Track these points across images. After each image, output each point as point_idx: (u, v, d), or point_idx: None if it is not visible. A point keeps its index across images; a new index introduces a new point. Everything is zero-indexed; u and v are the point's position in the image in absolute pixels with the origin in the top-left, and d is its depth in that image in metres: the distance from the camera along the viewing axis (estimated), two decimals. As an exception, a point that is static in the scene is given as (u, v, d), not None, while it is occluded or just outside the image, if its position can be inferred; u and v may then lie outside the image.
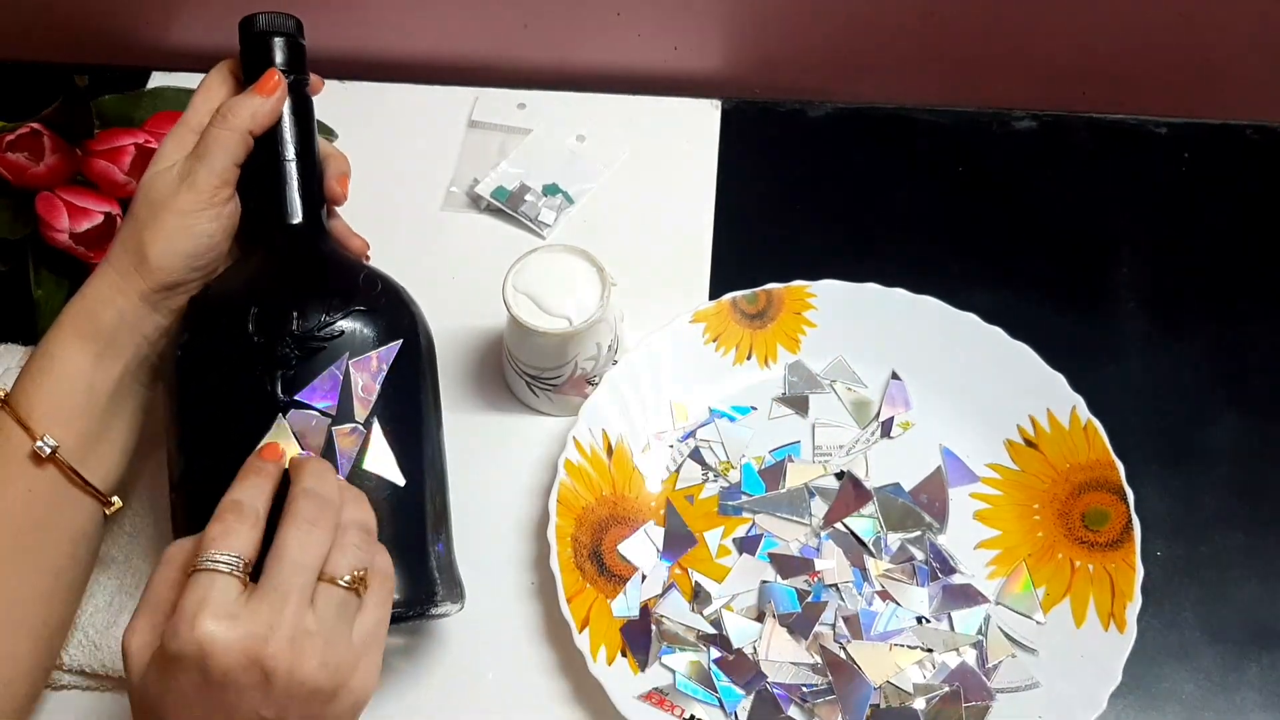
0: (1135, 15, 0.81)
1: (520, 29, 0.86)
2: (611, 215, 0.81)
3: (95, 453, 0.57)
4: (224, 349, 0.55)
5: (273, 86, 0.58)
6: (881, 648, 0.63)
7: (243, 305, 0.56)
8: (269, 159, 0.59)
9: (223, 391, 0.55)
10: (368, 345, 0.56)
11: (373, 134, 0.84)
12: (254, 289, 0.57)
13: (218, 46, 0.61)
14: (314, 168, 0.61)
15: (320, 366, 0.54)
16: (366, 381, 0.55)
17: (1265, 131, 0.83)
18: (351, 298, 0.57)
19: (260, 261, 0.59)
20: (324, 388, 0.54)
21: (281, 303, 0.56)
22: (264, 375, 0.54)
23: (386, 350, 0.56)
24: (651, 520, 0.68)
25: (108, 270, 0.57)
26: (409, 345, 0.58)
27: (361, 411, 0.55)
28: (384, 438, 0.55)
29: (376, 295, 0.58)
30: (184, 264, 0.57)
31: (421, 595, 0.55)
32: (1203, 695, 0.64)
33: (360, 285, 0.58)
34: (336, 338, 0.55)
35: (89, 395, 0.56)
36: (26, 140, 0.70)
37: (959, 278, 0.76)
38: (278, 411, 0.53)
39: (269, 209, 0.59)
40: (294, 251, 0.59)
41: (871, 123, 0.85)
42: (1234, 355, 0.74)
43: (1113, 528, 0.65)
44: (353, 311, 0.56)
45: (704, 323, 0.72)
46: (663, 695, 0.62)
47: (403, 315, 0.59)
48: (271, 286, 0.57)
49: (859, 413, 0.71)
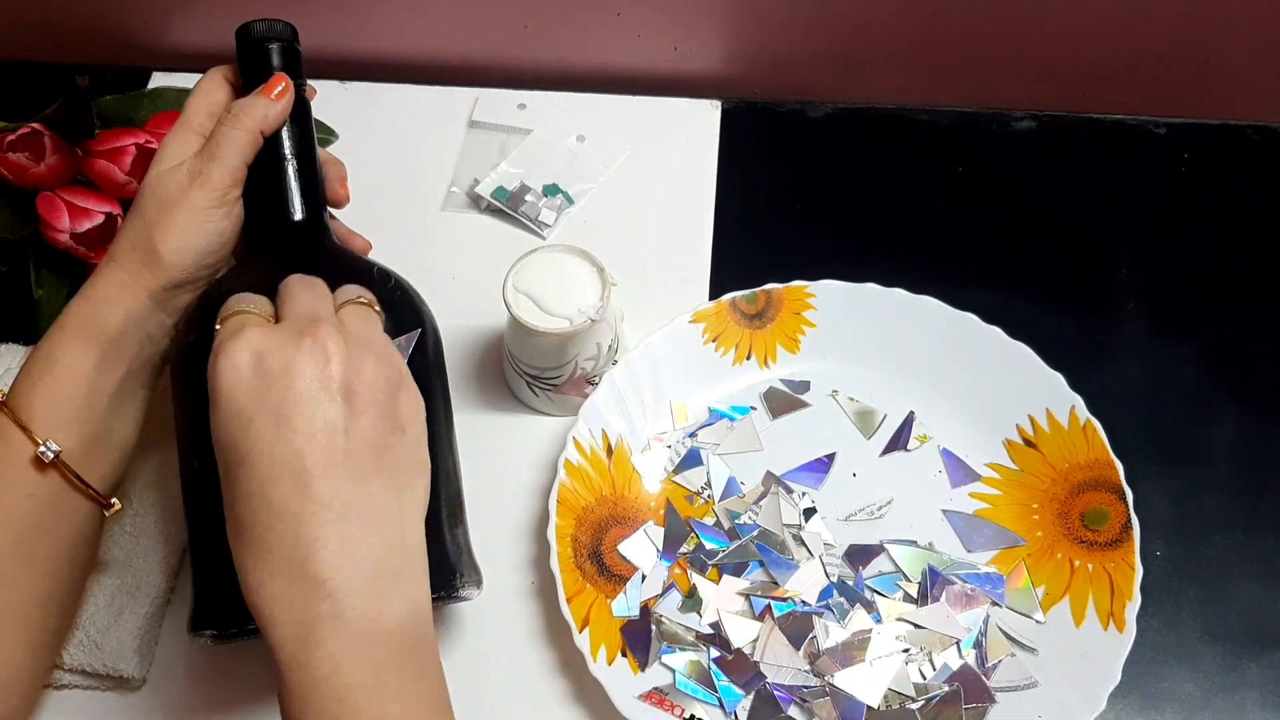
0: (1135, 15, 0.81)
1: (520, 29, 0.86)
2: (611, 215, 0.81)
3: (96, 455, 0.57)
4: None
5: (283, 90, 0.59)
6: (865, 667, 0.63)
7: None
8: (272, 160, 0.59)
9: None
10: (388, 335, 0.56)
11: (373, 134, 0.84)
12: (264, 284, 0.57)
13: (217, 47, 0.62)
14: (315, 168, 0.61)
15: None
16: None
17: (1265, 131, 0.83)
18: (368, 290, 0.57)
19: (268, 260, 0.59)
20: None
21: None
22: None
23: (404, 340, 0.56)
24: (651, 520, 0.68)
25: (113, 269, 0.57)
26: (424, 336, 0.58)
27: None
28: None
29: (390, 288, 0.59)
30: (196, 260, 0.57)
31: (444, 581, 0.55)
32: (1202, 695, 0.64)
33: (374, 277, 0.58)
34: None
35: (90, 397, 0.56)
36: (27, 140, 0.70)
37: (958, 278, 0.75)
38: None
39: (274, 209, 0.60)
40: (301, 249, 0.60)
41: (871, 123, 0.85)
42: (1234, 355, 0.74)
43: (1112, 527, 0.65)
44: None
45: (704, 323, 0.72)
46: (663, 695, 0.62)
47: (416, 307, 0.59)
48: (282, 280, 0.57)
49: (863, 422, 0.71)
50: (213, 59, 0.61)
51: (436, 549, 0.55)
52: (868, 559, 0.66)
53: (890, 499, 0.68)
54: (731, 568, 0.66)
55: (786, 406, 0.72)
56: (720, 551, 0.67)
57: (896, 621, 0.64)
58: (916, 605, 0.65)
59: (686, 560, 0.67)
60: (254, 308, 0.52)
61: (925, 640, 0.64)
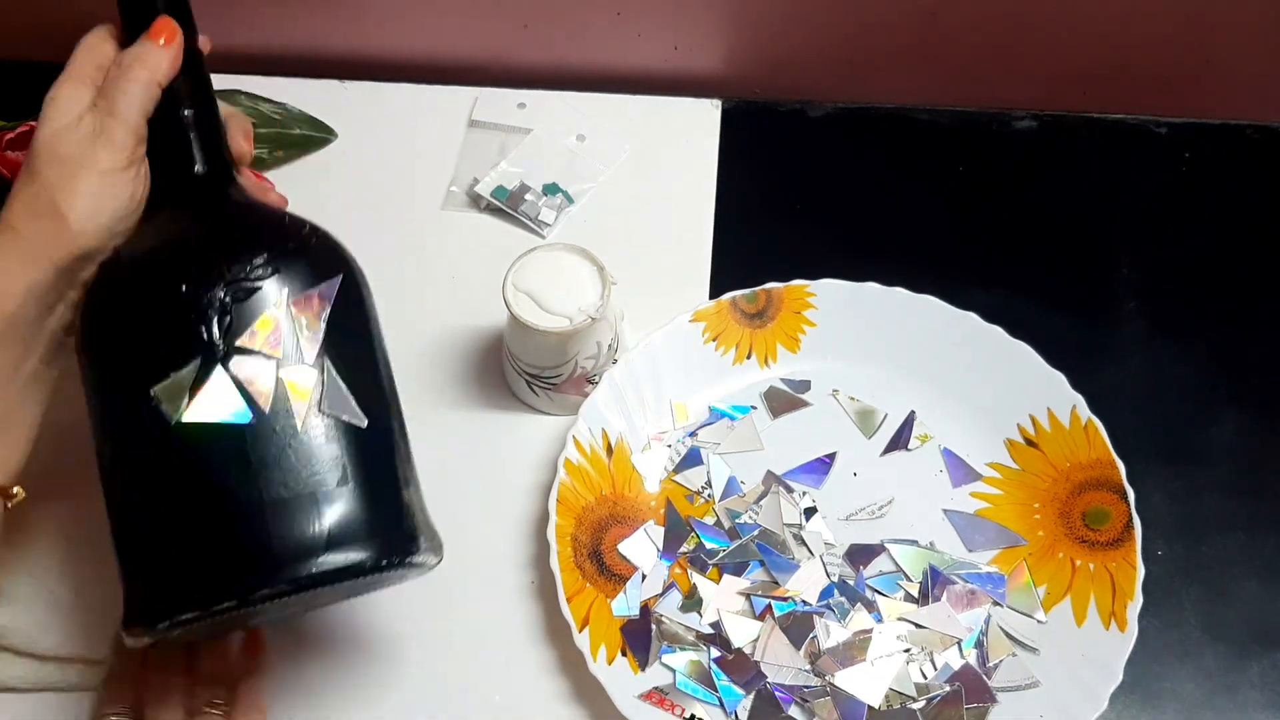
0: (1135, 15, 0.81)
1: (520, 29, 0.86)
2: (611, 215, 0.81)
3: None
4: (148, 308, 0.51)
5: (171, 33, 0.55)
6: (865, 667, 0.63)
7: (163, 259, 0.52)
8: (168, 111, 0.56)
9: (152, 353, 0.51)
10: (306, 283, 0.52)
11: (373, 134, 0.84)
12: (173, 241, 0.54)
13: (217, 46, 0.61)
14: (215, 120, 0.58)
15: (258, 309, 0.51)
16: (310, 320, 0.52)
17: (1265, 131, 0.83)
18: (281, 237, 0.53)
19: (172, 216, 0.55)
20: (265, 331, 0.51)
21: (206, 250, 0.52)
22: (198, 325, 0.50)
23: (327, 286, 0.53)
24: (651, 519, 0.68)
25: (10, 241, 0.52)
26: (349, 280, 0.54)
27: (310, 352, 0.51)
28: (338, 377, 0.52)
29: (306, 234, 0.55)
30: (109, 227, 0.53)
31: (402, 543, 0.52)
32: (1203, 694, 0.64)
33: (287, 225, 0.55)
34: (271, 277, 0.51)
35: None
36: (26, 139, 0.70)
37: (959, 277, 0.75)
38: (217, 362, 0.50)
39: (175, 162, 0.56)
40: (209, 202, 0.56)
41: (871, 123, 0.85)
42: (1234, 354, 0.74)
43: (1113, 527, 0.65)
44: (285, 250, 0.53)
45: (704, 322, 0.72)
46: (663, 695, 0.62)
47: (337, 252, 0.55)
48: (191, 235, 0.54)
49: (864, 422, 0.71)
50: (212, 58, 0.61)
51: (391, 507, 0.53)
52: (868, 558, 0.66)
53: (891, 499, 0.68)
54: (732, 567, 0.66)
55: (787, 406, 0.72)
56: (720, 551, 0.66)
57: (897, 621, 0.64)
58: (917, 605, 0.65)
59: (686, 560, 0.67)
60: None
61: (926, 640, 0.63)
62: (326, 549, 0.49)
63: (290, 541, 0.49)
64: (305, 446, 0.50)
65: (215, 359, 0.50)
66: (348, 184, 0.81)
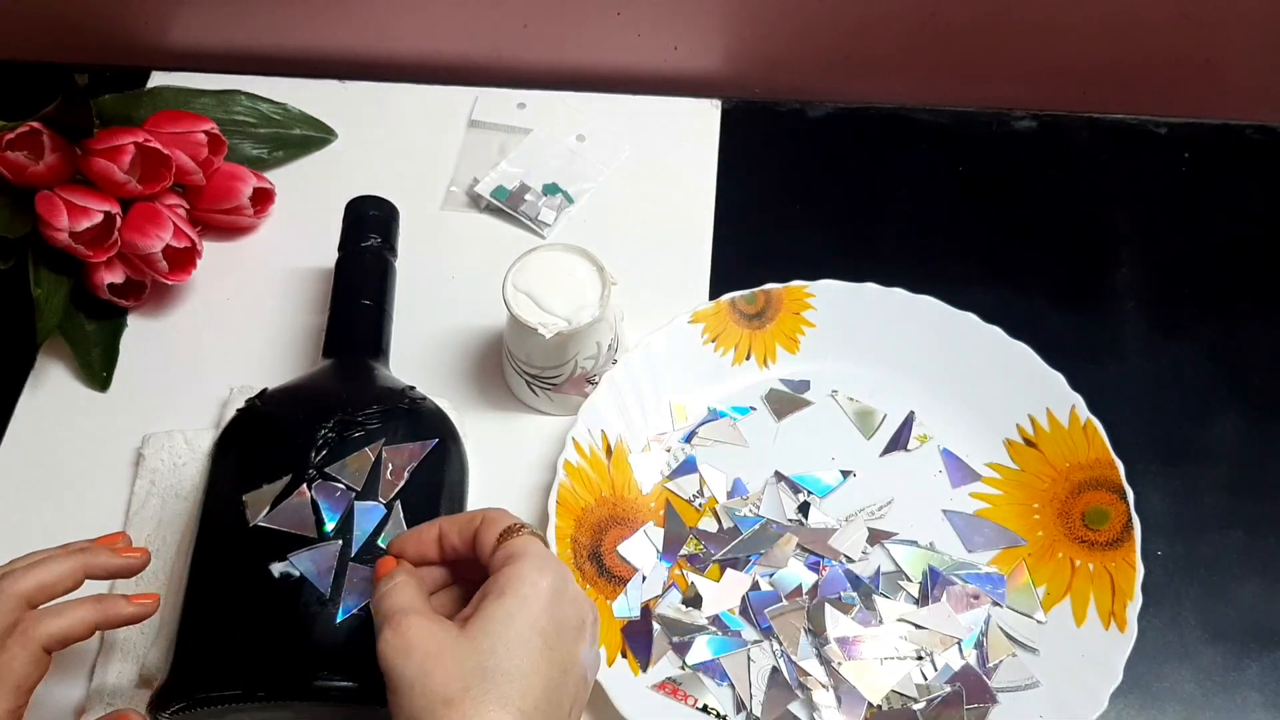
0: (1135, 15, 0.81)
1: (520, 29, 0.86)
2: (611, 215, 0.81)
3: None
4: (269, 428, 0.59)
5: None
6: (872, 664, 0.63)
7: (297, 395, 0.61)
8: (350, 296, 0.68)
9: (258, 465, 0.57)
10: (406, 438, 0.59)
11: (373, 134, 0.84)
12: (310, 384, 0.62)
13: (216, 46, 0.61)
14: (382, 314, 0.68)
15: (355, 448, 0.57)
16: (397, 467, 0.57)
17: (1265, 131, 0.83)
18: (397, 398, 0.61)
19: (323, 369, 0.65)
20: (354, 465, 0.57)
21: (331, 393, 0.61)
22: (301, 450, 0.57)
23: (421, 445, 0.59)
24: (651, 521, 0.68)
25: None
26: (443, 447, 0.60)
27: (387, 493, 0.57)
28: (403, 521, 0.56)
29: (422, 401, 0.62)
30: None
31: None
32: (1203, 694, 0.64)
33: (405, 391, 0.62)
34: (376, 425, 0.58)
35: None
36: (26, 139, 0.70)
37: (958, 278, 0.75)
38: (304, 481, 0.56)
39: (339, 331, 0.67)
40: (354, 366, 0.65)
41: (871, 123, 0.85)
42: (1234, 354, 0.74)
43: (1113, 527, 0.65)
44: (395, 409, 0.60)
45: (703, 323, 0.72)
46: (676, 685, 0.62)
47: (444, 424, 0.61)
48: (326, 382, 0.63)
49: (863, 422, 0.71)
50: (212, 59, 0.61)
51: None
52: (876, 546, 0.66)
53: (890, 499, 0.68)
54: (733, 562, 0.66)
55: (787, 407, 0.72)
56: (720, 549, 0.66)
57: (898, 622, 0.64)
58: (917, 605, 0.65)
59: (686, 561, 0.67)
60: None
61: (926, 640, 0.63)
62: (333, 669, 0.52)
63: (306, 652, 0.53)
64: (355, 571, 0.54)
65: (303, 479, 0.56)
66: (348, 184, 0.81)
